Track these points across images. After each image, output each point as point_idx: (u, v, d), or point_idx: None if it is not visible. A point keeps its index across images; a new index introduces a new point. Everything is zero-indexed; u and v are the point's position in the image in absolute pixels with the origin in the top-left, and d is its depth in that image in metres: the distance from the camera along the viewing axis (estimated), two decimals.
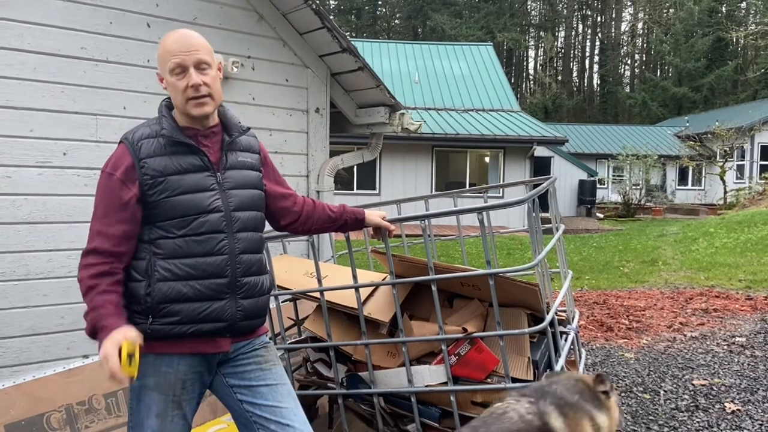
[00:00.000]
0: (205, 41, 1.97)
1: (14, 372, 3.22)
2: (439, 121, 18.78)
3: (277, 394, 2.01)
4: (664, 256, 10.83)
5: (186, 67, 1.91)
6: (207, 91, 1.92)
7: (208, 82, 1.92)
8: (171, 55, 1.91)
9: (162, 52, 1.94)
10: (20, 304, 3.36)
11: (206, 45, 1.97)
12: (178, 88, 1.91)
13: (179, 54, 1.90)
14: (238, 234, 1.98)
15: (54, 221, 3.47)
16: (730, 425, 3.65)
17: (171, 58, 1.91)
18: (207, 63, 1.94)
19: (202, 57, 1.93)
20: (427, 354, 2.76)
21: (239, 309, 1.97)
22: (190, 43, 1.93)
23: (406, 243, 3.92)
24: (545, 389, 2.04)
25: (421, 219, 2.65)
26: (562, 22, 51.02)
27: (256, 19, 4.27)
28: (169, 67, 1.91)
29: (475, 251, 11.25)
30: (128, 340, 1.74)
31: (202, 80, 1.91)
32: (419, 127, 4.95)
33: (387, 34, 47.22)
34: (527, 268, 2.58)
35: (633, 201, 23.70)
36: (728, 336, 5.51)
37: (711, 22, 40.48)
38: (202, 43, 1.95)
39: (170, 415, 1.93)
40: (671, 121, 34.19)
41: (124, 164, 1.88)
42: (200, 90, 1.91)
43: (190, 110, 1.93)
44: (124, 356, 1.72)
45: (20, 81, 3.34)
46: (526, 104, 39.22)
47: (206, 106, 1.94)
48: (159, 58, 1.95)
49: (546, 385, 2.08)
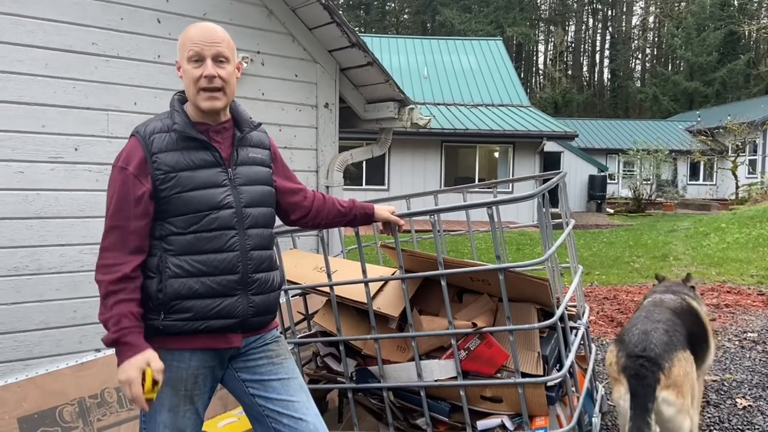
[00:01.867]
0: (229, 38, 1.97)
1: (27, 365, 3.26)
2: (448, 116, 18.74)
3: (289, 388, 2.02)
4: (675, 252, 10.76)
5: (204, 57, 1.91)
6: (220, 84, 1.92)
7: (223, 75, 1.92)
8: (192, 42, 1.91)
9: (183, 40, 1.94)
10: (33, 299, 3.39)
11: (229, 41, 1.97)
12: (192, 76, 1.91)
13: (200, 43, 1.91)
14: (248, 230, 1.98)
15: (66, 216, 3.49)
16: (741, 421, 3.63)
17: (191, 45, 1.91)
18: (226, 58, 1.94)
19: (222, 50, 1.93)
20: (437, 349, 2.76)
21: (251, 305, 1.97)
22: (213, 35, 1.93)
23: (415, 238, 3.92)
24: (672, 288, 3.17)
25: (431, 214, 2.65)
26: (573, 16, 50.71)
27: (266, 15, 4.27)
28: (188, 54, 1.91)
29: (484, 246, 11.22)
30: (152, 368, 1.78)
31: (217, 72, 1.91)
32: (429, 122, 4.94)
33: (396, 29, 47.11)
34: (537, 262, 2.57)
35: (643, 196, 23.56)
36: (740, 331, 5.47)
37: (723, 15, 40.11)
38: (225, 38, 1.95)
39: (182, 410, 1.94)
40: (682, 116, 33.94)
41: (137, 158, 1.88)
42: (213, 82, 1.90)
43: (199, 102, 1.92)
44: (149, 383, 1.76)
45: (32, 77, 3.36)
46: (536, 99, 39.06)
47: (217, 101, 1.93)
48: (180, 45, 1.95)
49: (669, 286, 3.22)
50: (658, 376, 2.53)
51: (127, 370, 1.77)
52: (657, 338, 2.64)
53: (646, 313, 2.88)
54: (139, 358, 1.78)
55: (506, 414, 2.61)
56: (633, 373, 2.57)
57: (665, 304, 2.96)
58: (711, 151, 25.08)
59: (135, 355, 1.78)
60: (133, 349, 1.79)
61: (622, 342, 2.74)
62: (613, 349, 2.77)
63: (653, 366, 2.55)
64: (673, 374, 2.56)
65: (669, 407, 2.53)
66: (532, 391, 2.54)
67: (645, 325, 2.74)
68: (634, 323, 2.82)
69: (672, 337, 2.68)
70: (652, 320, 2.78)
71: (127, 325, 1.80)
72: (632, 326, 2.79)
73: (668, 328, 2.72)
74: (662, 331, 2.69)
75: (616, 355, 2.71)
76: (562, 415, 2.69)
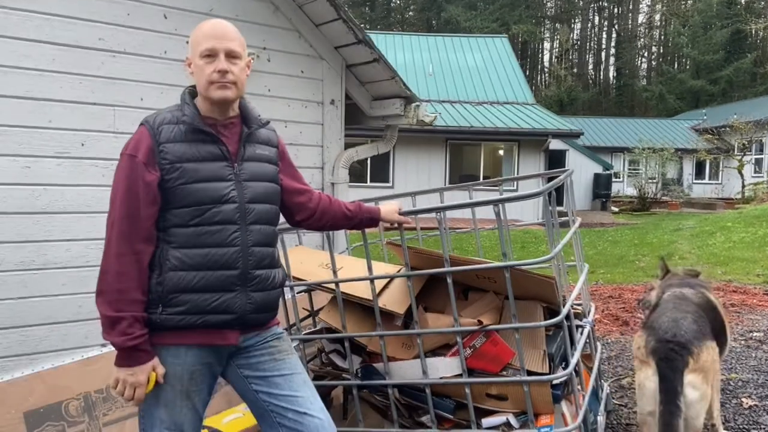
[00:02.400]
0: (240, 35, 2.00)
1: (33, 360, 3.26)
2: (453, 114, 18.70)
3: (292, 384, 2.02)
4: (680, 251, 10.73)
5: (217, 52, 1.93)
6: (232, 78, 1.94)
7: (234, 71, 1.95)
8: (205, 39, 1.94)
9: (196, 36, 1.96)
10: (39, 293, 3.40)
11: (241, 39, 2.00)
12: (204, 71, 1.93)
13: (213, 40, 1.93)
14: (251, 226, 1.98)
15: (72, 211, 3.50)
16: (747, 420, 3.62)
17: (204, 42, 1.93)
18: (238, 54, 1.96)
19: (234, 47, 1.95)
20: (442, 346, 2.76)
21: (249, 302, 1.97)
22: (226, 32, 1.96)
23: (420, 235, 3.92)
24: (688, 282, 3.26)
25: (437, 211, 2.64)
26: (578, 13, 50.55)
27: (272, 11, 4.27)
28: (201, 50, 1.93)
29: (489, 244, 11.21)
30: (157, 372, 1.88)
31: (229, 68, 1.93)
32: (434, 119, 4.93)
33: (401, 26, 47.04)
34: (543, 260, 2.56)
35: (649, 195, 23.49)
36: (745, 331, 5.46)
37: (729, 13, 39.94)
38: (236, 35, 1.98)
39: (179, 406, 1.94)
40: (688, 114, 33.81)
41: (145, 147, 1.88)
42: (226, 76, 1.93)
43: (211, 93, 1.94)
44: (151, 386, 1.87)
45: (39, 72, 3.37)
46: (541, 97, 38.94)
47: (228, 91, 1.95)
48: (192, 41, 1.97)
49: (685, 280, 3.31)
50: (687, 360, 2.62)
51: (138, 374, 1.84)
52: (687, 326, 2.74)
53: (674, 304, 2.99)
54: (149, 364, 1.86)
55: (511, 412, 2.61)
56: (662, 357, 2.65)
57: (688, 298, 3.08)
58: (717, 150, 25.00)
59: (146, 360, 1.85)
60: (146, 355, 1.85)
61: (651, 328, 2.82)
62: (642, 335, 2.85)
63: (683, 350, 2.63)
64: (702, 359, 2.64)
65: (694, 391, 2.60)
66: (537, 389, 2.54)
67: (674, 314, 2.85)
68: (663, 312, 2.91)
69: (701, 326, 2.77)
70: (681, 310, 2.90)
71: (141, 332, 1.84)
72: (661, 315, 2.89)
73: (696, 318, 2.82)
74: (691, 320, 2.79)
75: (645, 340, 2.78)
76: (567, 413, 2.68)
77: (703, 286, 3.22)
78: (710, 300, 3.12)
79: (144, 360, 1.84)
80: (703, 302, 3.05)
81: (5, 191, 3.30)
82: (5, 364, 3.24)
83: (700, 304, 3.00)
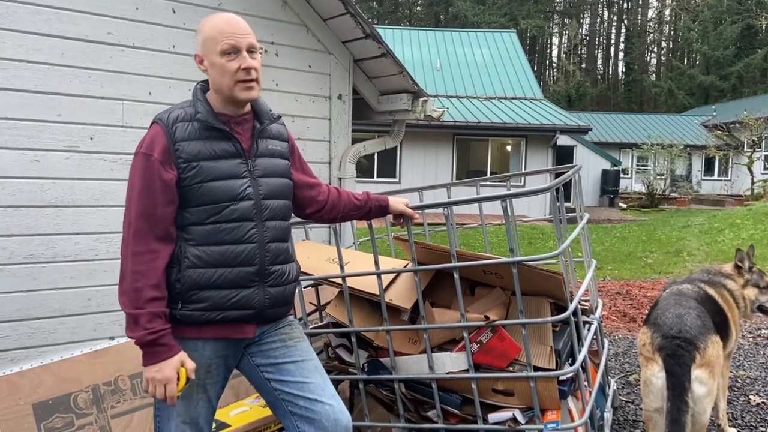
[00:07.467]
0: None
1: (42, 352, 3.29)
2: (460, 109, 18.65)
3: (303, 370, 2.01)
4: (688, 247, 10.68)
5: (240, 49, 1.90)
6: (256, 75, 1.93)
7: (257, 67, 1.94)
8: (224, 36, 1.89)
9: (213, 33, 1.90)
10: (48, 286, 3.42)
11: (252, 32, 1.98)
12: (228, 69, 1.89)
13: (233, 36, 1.89)
14: (267, 222, 1.98)
15: (81, 205, 3.51)
16: (755, 418, 3.60)
17: (224, 39, 1.89)
18: (257, 48, 1.95)
19: (254, 42, 1.94)
20: (449, 341, 2.76)
21: (267, 297, 1.97)
22: (243, 27, 1.93)
23: (428, 231, 3.91)
24: (692, 277, 3.26)
25: (445, 206, 2.64)
26: (587, 8, 50.26)
27: (280, 5, 4.26)
28: (222, 48, 1.89)
29: (496, 240, 11.19)
30: (186, 368, 1.84)
31: (253, 64, 1.92)
32: (442, 114, 4.92)
33: (408, 21, 46.92)
34: (551, 256, 2.55)
35: (657, 191, 23.37)
36: (753, 328, 5.43)
37: (740, 9, 39.60)
38: (250, 29, 1.96)
39: (195, 399, 1.95)
40: (698, 110, 33.58)
41: (160, 145, 1.86)
42: (251, 73, 1.91)
43: (237, 93, 1.92)
44: (182, 382, 1.83)
45: (48, 66, 3.38)
46: (549, 92, 38.78)
47: (253, 91, 1.94)
48: (207, 38, 1.91)
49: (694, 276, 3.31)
50: (693, 355, 2.63)
51: (164, 370, 1.80)
52: (691, 321, 2.75)
53: (675, 300, 2.99)
54: (176, 359, 1.82)
55: (518, 407, 2.61)
56: (669, 353, 2.66)
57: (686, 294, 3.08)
58: (726, 146, 24.83)
59: (172, 356, 1.82)
60: (169, 350, 1.82)
61: (655, 324, 2.82)
62: (647, 331, 2.86)
63: (689, 346, 2.64)
64: (708, 354, 2.65)
65: (701, 386, 2.61)
66: (544, 385, 2.53)
67: (677, 310, 2.85)
68: (665, 308, 2.91)
69: (704, 321, 2.78)
70: (683, 306, 2.91)
71: (162, 327, 1.82)
72: (664, 311, 2.88)
73: (699, 313, 2.83)
74: (695, 315, 2.79)
75: (651, 336, 2.79)
76: (574, 409, 2.68)
77: (704, 281, 3.20)
78: (709, 294, 3.11)
79: (168, 355, 1.81)
80: (701, 296, 3.05)
81: (14, 185, 3.32)
82: (15, 356, 3.27)
83: (697, 299, 3.00)
